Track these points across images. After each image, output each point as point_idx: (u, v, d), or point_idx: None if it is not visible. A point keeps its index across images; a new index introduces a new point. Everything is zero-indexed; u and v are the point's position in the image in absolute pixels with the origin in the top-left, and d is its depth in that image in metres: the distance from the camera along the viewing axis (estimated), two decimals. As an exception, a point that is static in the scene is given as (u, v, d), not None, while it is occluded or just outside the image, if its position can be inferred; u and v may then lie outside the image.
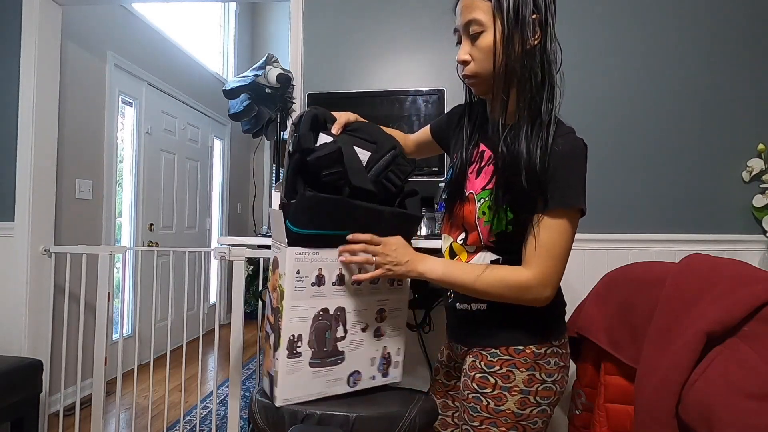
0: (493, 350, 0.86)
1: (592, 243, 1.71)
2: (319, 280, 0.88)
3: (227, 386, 2.31)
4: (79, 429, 1.97)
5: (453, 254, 0.93)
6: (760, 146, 1.68)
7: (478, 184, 0.87)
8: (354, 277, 0.90)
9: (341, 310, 0.90)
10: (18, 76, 2.02)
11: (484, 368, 0.86)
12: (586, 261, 1.71)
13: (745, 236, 1.69)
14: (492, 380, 0.85)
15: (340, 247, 0.88)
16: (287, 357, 0.85)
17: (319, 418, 0.82)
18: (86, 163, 2.62)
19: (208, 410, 2.39)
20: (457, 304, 0.94)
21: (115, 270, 2.73)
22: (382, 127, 1.06)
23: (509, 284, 0.80)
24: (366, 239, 0.87)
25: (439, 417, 1.04)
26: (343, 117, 0.98)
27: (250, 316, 4.22)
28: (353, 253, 0.88)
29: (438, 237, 1.48)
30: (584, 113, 1.75)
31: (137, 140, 3.15)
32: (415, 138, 1.17)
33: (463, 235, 0.91)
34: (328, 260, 0.88)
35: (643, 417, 1.10)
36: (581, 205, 0.79)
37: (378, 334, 0.96)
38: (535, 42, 0.80)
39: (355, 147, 0.93)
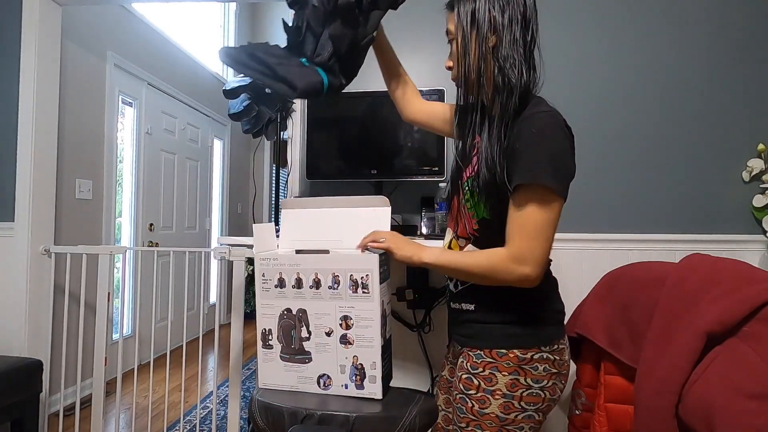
0: (478, 351, 0.87)
1: (592, 243, 1.72)
2: (281, 283, 0.97)
3: (227, 386, 2.31)
4: (79, 429, 1.97)
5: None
6: (760, 146, 1.68)
7: (467, 172, 0.91)
8: (360, 244, 0.93)
9: (303, 311, 0.96)
10: (18, 76, 2.02)
11: (470, 369, 0.87)
12: (586, 261, 1.71)
13: (745, 236, 1.69)
14: (476, 382, 0.85)
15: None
16: (261, 347, 0.99)
17: (319, 418, 0.83)
18: (86, 163, 2.62)
19: (208, 410, 2.39)
20: (451, 303, 0.95)
21: (115, 270, 2.73)
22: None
23: (492, 264, 0.80)
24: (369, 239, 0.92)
25: (442, 413, 1.04)
26: None
27: (250, 316, 4.20)
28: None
29: (437, 237, 1.49)
30: (584, 113, 1.75)
31: (137, 140, 3.15)
32: (428, 105, 1.16)
33: (457, 228, 0.94)
34: (286, 265, 0.96)
35: (643, 417, 1.10)
36: (547, 182, 0.76)
37: (345, 341, 0.95)
38: (491, 46, 0.84)
39: None
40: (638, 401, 1.10)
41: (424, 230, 1.72)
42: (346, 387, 0.95)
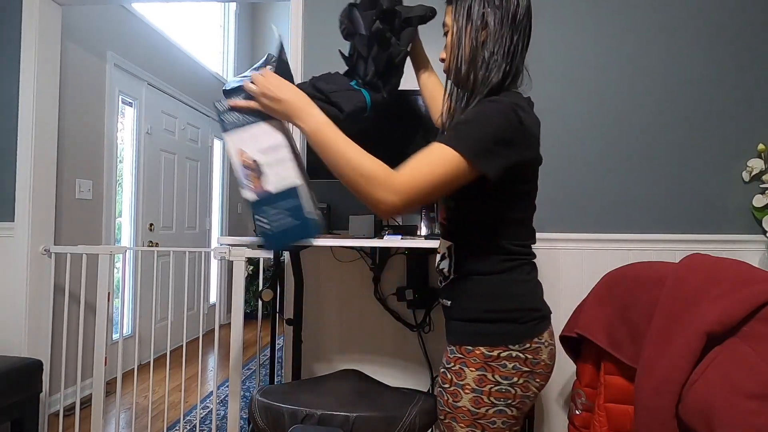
0: (452, 347, 0.89)
1: (592, 243, 1.72)
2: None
3: (227, 386, 2.31)
4: (79, 429, 1.97)
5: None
6: (760, 146, 1.68)
7: None
8: (230, 102, 0.90)
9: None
10: (18, 76, 2.02)
11: (444, 364, 0.89)
12: (586, 261, 1.71)
13: (745, 236, 1.69)
14: (449, 376, 0.87)
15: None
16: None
17: (319, 418, 0.83)
18: (86, 163, 2.62)
19: (208, 410, 2.39)
20: (440, 298, 0.97)
21: (115, 270, 2.73)
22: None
23: (366, 170, 0.77)
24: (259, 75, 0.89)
25: None
26: None
27: (250, 316, 4.21)
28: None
29: (437, 237, 1.48)
30: (583, 113, 1.74)
31: (137, 140, 3.15)
32: (437, 90, 1.18)
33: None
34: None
35: (643, 417, 1.10)
36: (459, 149, 0.76)
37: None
38: (483, 39, 0.87)
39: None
40: (638, 401, 1.10)
41: (423, 230, 1.72)
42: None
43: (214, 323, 3.92)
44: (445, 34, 0.94)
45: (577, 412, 1.37)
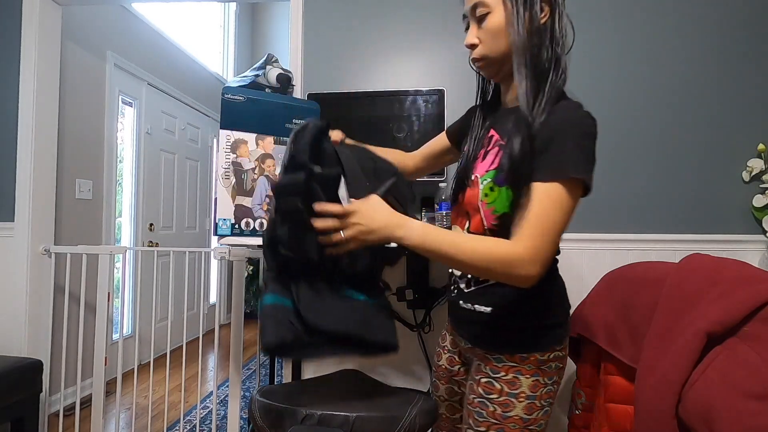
0: (498, 356, 0.85)
1: (592, 243, 1.72)
2: None
3: (227, 386, 2.31)
4: (79, 429, 1.97)
5: None
6: (760, 146, 1.68)
7: (482, 167, 0.85)
8: (329, 251, 0.80)
9: None
10: (18, 76, 2.02)
11: (490, 373, 0.85)
12: (586, 261, 1.71)
13: (745, 236, 1.69)
14: (498, 386, 0.84)
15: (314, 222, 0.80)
16: None
17: (319, 418, 0.82)
18: (86, 163, 2.62)
19: (208, 410, 2.39)
20: (461, 302, 0.91)
21: (115, 270, 2.73)
22: (378, 148, 1.04)
23: (496, 256, 0.72)
24: (335, 211, 0.79)
25: (446, 403, 1.03)
26: (338, 133, 0.98)
27: (250, 316, 4.21)
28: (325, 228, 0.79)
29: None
30: (584, 113, 1.74)
31: (137, 140, 3.15)
32: (423, 152, 1.12)
33: (467, 224, 0.88)
34: None
35: (643, 417, 1.10)
36: (579, 175, 0.72)
37: None
38: (543, 19, 0.79)
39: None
40: (638, 401, 1.10)
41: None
42: None
43: (214, 323, 3.92)
44: (481, 15, 0.81)
45: (577, 412, 1.37)
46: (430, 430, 0.97)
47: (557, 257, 0.89)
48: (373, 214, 0.77)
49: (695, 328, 1.08)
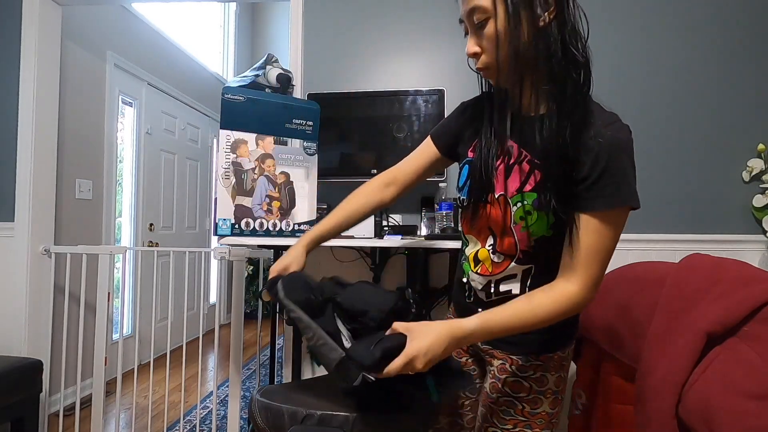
0: (523, 356, 0.86)
1: (592, 243, 1.71)
2: None
3: (227, 386, 2.31)
4: (79, 429, 1.97)
5: (477, 261, 0.87)
6: (760, 146, 1.68)
7: (511, 185, 0.79)
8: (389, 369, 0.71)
9: None
10: (18, 76, 2.02)
11: (517, 373, 0.86)
12: (586, 261, 1.71)
13: (745, 236, 1.69)
14: (527, 385, 0.85)
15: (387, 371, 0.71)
16: None
17: (319, 419, 0.82)
18: (86, 163, 2.62)
19: (208, 410, 2.39)
20: (479, 309, 0.85)
21: (115, 270, 2.73)
22: (355, 196, 0.99)
23: (561, 308, 0.72)
24: (399, 368, 0.69)
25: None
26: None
27: (250, 316, 4.21)
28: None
29: (437, 237, 1.48)
30: (584, 113, 1.74)
31: (137, 140, 3.15)
32: (409, 166, 0.98)
33: (491, 240, 0.84)
34: None
35: (643, 417, 1.10)
36: (636, 203, 0.72)
37: None
38: (551, 17, 0.70)
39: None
40: (638, 401, 1.10)
41: (423, 230, 1.72)
42: None
43: (214, 323, 3.91)
44: (480, 22, 0.72)
45: (577, 412, 1.37)
46: (430, 430, 0.97)
47: None
48: (427, 352, 0.69)
49: (695, 328, 1.08)
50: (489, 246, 0.85)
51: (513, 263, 0.82)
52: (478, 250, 0.87)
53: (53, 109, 2.14)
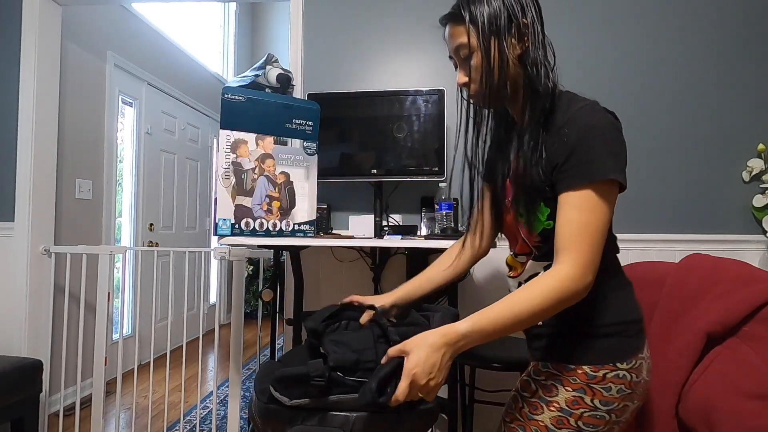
0: (544, 362, 0.83)
1: (592, 243, 1.71)
2: None
3: (227, 386, 2.31)
4: (79, 429, 1.97)
5: (510, 267, 0.92)
6: (760, 146, 1.68)
7: (510, 190, 0.86)
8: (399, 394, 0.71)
9: None
10: (18, 76, 2.02)
11: (531, 373, 0.85)
12: (586, 261, 1.71)
13: (745, 236, 1.69)
14: (533, 387, 0.83)
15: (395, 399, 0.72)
16: None
17: (319, 419, 0.82)
18: (86, 163, 2.62)
19: (208, 410, 2.39)
20: None
21: (115, 270, 2.73)
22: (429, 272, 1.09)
23: (555, 291, 0.69)
24: (403, 395, 0.70)
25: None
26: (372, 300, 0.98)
27: (250, 316, 4.22)
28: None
29: (437, 237, 1.49)
30: (584, 113, 1.75)
31: (137, 140, 3.15)
32: (483, 228, 0.99)
33: (513, 245, 0.89)
34: None
35: (644, 417, 1.10)
36: (609, 175, 0.70)
37: None
38: (524, 48, 0.79)
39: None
40: (638, 401, 1.09)
41: (423, 230, 1.72)
42: None
43: (214, 323, 3.92)
44: (466, 57, 0.82)
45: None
46: (430, 430, 0.97)
47: (617, 255, 0.84)
48: (425, 364, 0.68)
49: (695, 328, 1.08)
50: (514, 251, 0.90)
51: (531, 261, 0.85)
52: (508, 257, 0.93)
53: (53, 109, 2.14)
